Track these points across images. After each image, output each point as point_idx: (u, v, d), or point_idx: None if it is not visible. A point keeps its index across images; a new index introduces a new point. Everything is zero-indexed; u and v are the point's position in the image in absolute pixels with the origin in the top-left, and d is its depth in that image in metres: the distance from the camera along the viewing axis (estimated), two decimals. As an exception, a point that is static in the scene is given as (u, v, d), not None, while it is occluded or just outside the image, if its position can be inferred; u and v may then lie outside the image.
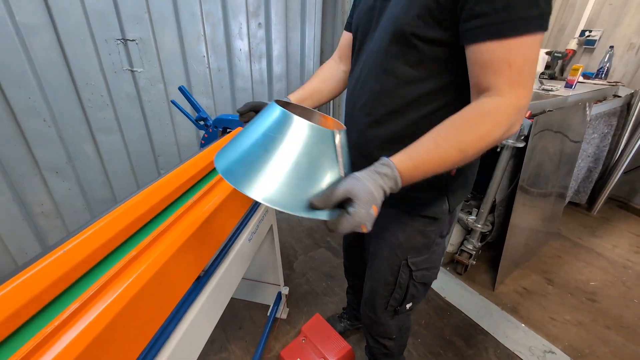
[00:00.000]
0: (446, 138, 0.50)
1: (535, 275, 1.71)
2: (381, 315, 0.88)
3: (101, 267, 0.49)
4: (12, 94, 1.15)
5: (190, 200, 0.67)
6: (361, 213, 0.44)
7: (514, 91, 0.48)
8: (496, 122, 0.49)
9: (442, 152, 0.50)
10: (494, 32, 0.47)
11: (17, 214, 1.29)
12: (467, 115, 0.50)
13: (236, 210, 0.88)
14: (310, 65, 1.87)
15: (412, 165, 0.50)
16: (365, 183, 0.46)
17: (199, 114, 1.07)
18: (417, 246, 0.76)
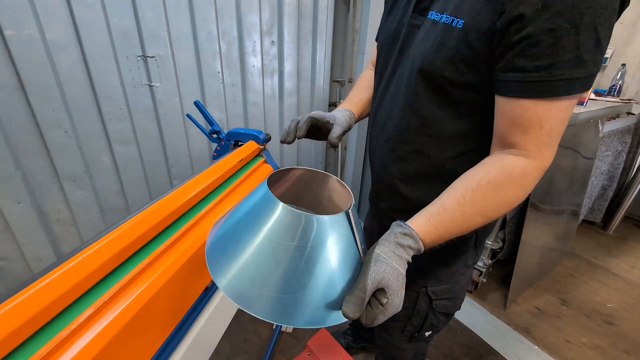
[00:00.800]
0: (473, 205, 0.46)
1: (548, 295, 1.66)
2: (397, 338, 0.83)
3: (114, 276, 0.50)
4: (37, 107, 1.22)
5: (201, 212, 0.69)
6: (395, 303, 0.41)
7: (541, 153, 0.45)
8: (523, 186, 0.47)
9: (467, 220, 0.47)
10: (532, 90, 0.42)
11: (34, 221, 1.33)
12: (495, 178, 0.46)
13: None
14: (321, 81, 1.92)
15: (437, 236, 0.46)
16: (392, 264, 0.41)
17: (212, 127, 1.11)
18: (437, 275, 0.70)
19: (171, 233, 0.61)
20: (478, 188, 0.46)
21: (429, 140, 0.58)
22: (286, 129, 0.63)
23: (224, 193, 0.81)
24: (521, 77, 0.42)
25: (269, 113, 1.82)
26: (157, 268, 0.54)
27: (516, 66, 0.43)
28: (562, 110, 0.43)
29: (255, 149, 1.02)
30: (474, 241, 0.68)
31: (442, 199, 0.48)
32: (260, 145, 1.05)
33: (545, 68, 0.40)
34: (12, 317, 0.36)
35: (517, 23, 0.40)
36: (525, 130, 0.45)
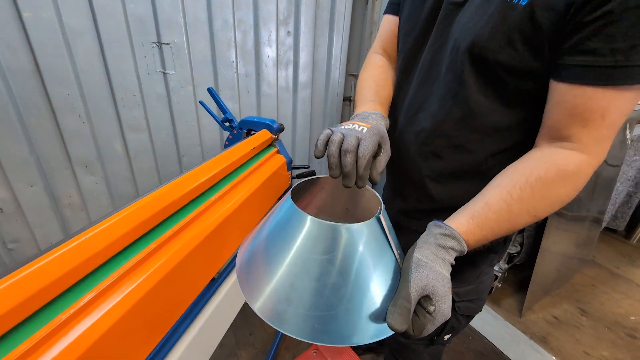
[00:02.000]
0: (521, 203, 0.42)
1: (567, 304, 1.58)
2: (414, 342, 0.78)
3: (117, 260, 0.47)
4: (53, 91, 1.22)
5: (210, 199, 0.67)
6: (444, 310, 0.37)
7: (599, 147, 0.41)
8: (575, 184, 0.42)
9: (513, 219, 0.43)
10: (601, 77, 0.37)
11: (46, 204, 1.34)
12: (546, 174, 0.42)
13: (253, 213, 0.87)
14: (336, 74, 1.88)
15: (482, 236, 0.42)
16: (436, 268, 0.38)
17: (225, 115, 1.08)
18: (462, 275, 0.65)
19: (178, 220, 0.59)
20: (527, 185, 0.42)
21: (472, 133, 0.52)
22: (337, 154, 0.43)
23: (235, 182, 0.78)
24: (591, 61, 0.37)
25: (282, 105, 1.79)
26: (162, 255, 0.51)
27: (587, 48, 0.37)
28: (629, 101, 0.38)
29: (268, 138, 0.99)
30: (504, 238, 0.61)
31: (485, 196, 0.44)
32: (273, 135, 1.01)
33: (623, 51, 0.35)
34: (15, 291, 0.34)
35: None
36: (585, 121, 0.40)
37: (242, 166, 0.86)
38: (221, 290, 0.71)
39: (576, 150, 0.42)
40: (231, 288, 0.73)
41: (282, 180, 1.04)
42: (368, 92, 0.63)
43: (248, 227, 0.85)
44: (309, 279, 0.35)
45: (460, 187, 0.56)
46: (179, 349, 0.56)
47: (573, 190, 0.42)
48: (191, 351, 0.58)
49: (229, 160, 0.78)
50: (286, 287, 0.36)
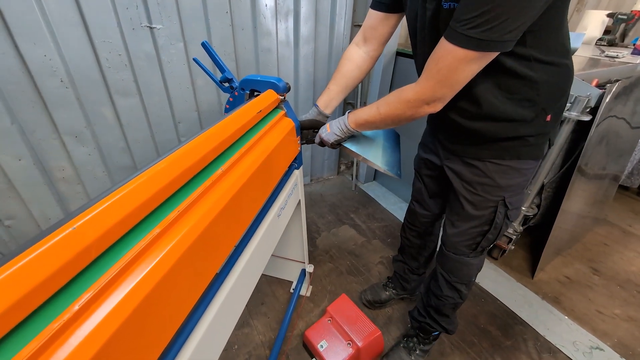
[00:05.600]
0: (378, 109, 0.77)
1: (579, 263, 1.57)
2: (465, 255, 0.92)
3: (128, 240, 0.41)
4: (27, 51, 1.07)
5: (216, 173, 0.59)
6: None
7: (426, 83, 0.65)
8: (406, 105, 0.71)
9: (377, 116, 0.78)
10: (448, 33, 0.57)
11: (38, 179, 1.26)
12: (395, 97, 0.74)
13: (265, 184, 0.79)
14: (341, 26, 1.69)
15: (357, 119, 0.84)
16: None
17: (223, 74, 0.96)
18: (514, 185, 0.78)
19: (185, 196, 0.51)
20: (385, 101, 0.76)
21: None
22: None
23: (241, 151, 0.69)
24: (451, 24, 0.56)
25: (282, 62, 1.64)
26: (170, 239, 0.44)
27: (455, 16, 0.56)
28: (456, 59, 0.58)
29: (275, 99, 0.88)
30: (548, 146, 0.77)
31: (369, 106, 0.80)
32: (279, 96, 0.90)
33: (462, 21, 0.54)
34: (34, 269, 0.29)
35: None
36: (429, 62, 0.63)
37: (248, 133, 0.76)
38: (239, 264, 0.66)
39: (417, 81, 0.67)
40: (248, 262, 0.68)
41: (291, 146, 0.95)
42: (328, 84, 0.98)
43: (259, 200, 0.78)
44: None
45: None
46: (205, 322, 0.55)
47: (405, 109, 0.71)
48: (215, 324, 0.57)
49: (234, 127, 0.69)
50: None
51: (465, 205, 0.85)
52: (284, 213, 0.94)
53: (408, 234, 1.17)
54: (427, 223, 1.10)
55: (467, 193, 0.83)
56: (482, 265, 0.99)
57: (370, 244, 1.64)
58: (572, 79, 0.70)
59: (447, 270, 0.97)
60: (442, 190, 1.02)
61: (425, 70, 0.64)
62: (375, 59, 0.95)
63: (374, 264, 1.51)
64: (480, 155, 0.77)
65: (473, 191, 0.82)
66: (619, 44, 2.09)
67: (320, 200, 1.97)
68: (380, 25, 0.87)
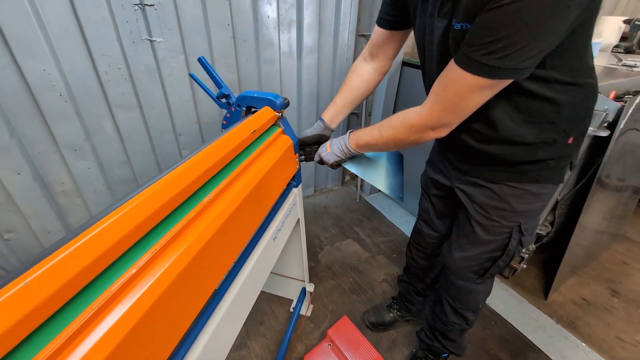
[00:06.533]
0: (380, 133, 0.75)
1: (596, 284, 1.49)
2: (472, 281, 0.88)
3: (134, 252, 0.42)
4: (26, 65, 1.07)
5: (211, 193, 0.57)
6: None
7: (432, 107, 0.62)
8: (410, 131, 0.68)
9: (378, 138, 0.76)
10: (458, 57, 0.54)
11: (37, 192, 1.25)
12: (399, 121, 0.72)
13: (261, 204, 0.76)
14: (345, 35, 1.66)
15: (358, 141, 0.83)
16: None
17: (220, 90, 0.93)
18: (531, 210, 0.74)
19: (179, 217, 0.50)
20: (388, 125, 0.73)
21: None
22: None
23: (237, 170, 0.66)
24: (463, 47, 0.52)
25: (285, 73, 1.61)
26: (173, 252, 0.45)
27: (466, 40, 0.52)
28: (466, 85, 0.54)
29: (272, 116, 0.85)
30: (569, 169, 0.73)
31: (372, 128, 0.77)
32: (277, 113, 0.87)
33: (473, 46, 0.50)
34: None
35: None
36: (437, 86, 0.60)
37: (243, 153, 0.73)
38: (236, 283, 0.66)
39: (422, 105, 0.64)
40: (246, 280, 0.68)
41: (289, 164, 0.91)
42: (334, 98, 0.96)
43: (255, 221, 0.74)
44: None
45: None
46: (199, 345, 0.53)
47: (409, 133, 0.68)
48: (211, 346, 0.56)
49: (228, 147, 0.66)
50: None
51: (476, 229, 0.79)
52: (281, 233, 0.90)
53: (414, 254, 1.11)
54: (435, 244, 1.05)
55: (479, 217, 0.78)
56: (490, 290, 0.94)
57: (374, 260, 1.58)
58: (596, 98, 0.64)
59: (452, 297, 0.92)
60: (451, 211, 0.96)
61: (432, 94, 0.61)
62: (384, 74, 0.93)
63: (378, 282, 1.46)
64: (495, 178, 0.72)
65: (486, 215, 0.76)
66: (636, 52, 2.00)
67: (324, 212, 1.92)
68: (386, 42, 0.85)
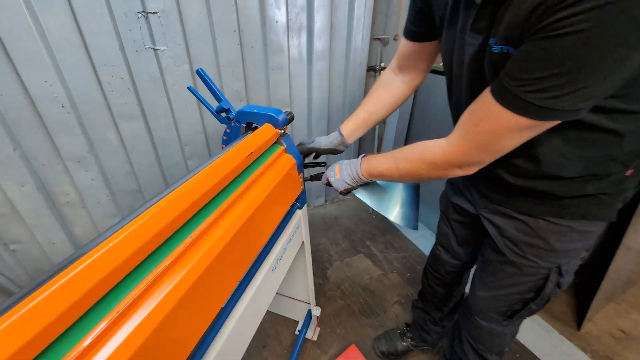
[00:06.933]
0: (397, 168, 0.66)
1: (637, 313, 1.33)
2: (499, 323, 0.78)
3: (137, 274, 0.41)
4: (28, 77, 1.05)
5: (205, 222, 0.52)
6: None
7: (461, 145, 0.53)
8: (432, 167, 0.60)
9: (393, 171, 0.68)
10: (497, 91, 0.45)
11: (41, 204, 1.23)
12: (418, 156, 0.63)
13: (260, 231, 0.69)
14: (358, 40, 1.57)
15: (370, 170, 0.74)
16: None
17: (220, 104, 0.87)
18: (573, 250, 0.63)
19: (174, 246, 0.45)
20: (405, 159, 0.64)
21: None
22: None
23: (231, 198, 0.59)
24: (502, 77, 0.43)
25: (295, 80, 1.54)
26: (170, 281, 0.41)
27: (507, 69, 0.43)
28: (503, 124, 0.45)
29: (273, 134, 0.77)
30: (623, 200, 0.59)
31: (388, 156, 0.68)
32: (279, 130, 0.79)
33: (519, 80, 0.41)
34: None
35: None
36: (467, 119, 0.51)
37: (240, 176, 0.66)
38: (237, 310, 0.62)
39: (446, 139, 0.55)
40: (247, 307, 0.64)
41: (292, 185, 0.84)
42: (356, 110, 0.88)
43: (254, 249, 0.67)
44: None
45: None
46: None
47: (430, 170, 0.60)
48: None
49: (222, 171, 0.59)
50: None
51: (505, 268, 0.69)
52: (283, 258, 0.83)
53: (431, 281, 1.01)
54: (455, 273, 0.95)
55: (510, 253, 0.67)
56: (517, 331, 0.83)
57: (387, 279, 1.48)
58: None
59: (474, 337, 0.82)
60: (476, 238, 0.86)
61: (460, 128, 0.52)
62: (414, 89, 0.84)
63: (390, 304, 1.36)
64: (531, 210, 0.61)
65: (518, 252, 0.66)
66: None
67: (334, 224, 1.84)
68: (413, 55, 0.76)
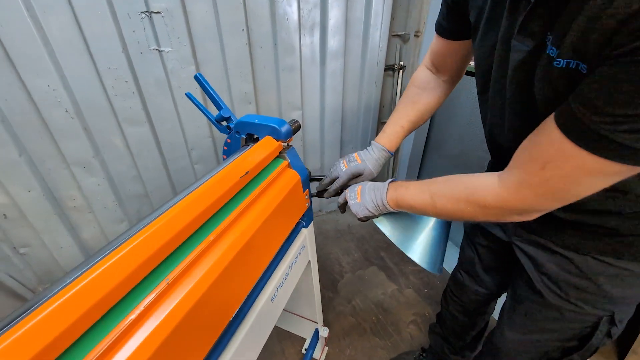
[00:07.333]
0: (434, 206, 0.55)
1: (687, 347, 1.17)
2: None
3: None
4: (30, 82, 1.02)
5: (203, 242, 0.47)
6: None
7: (521, 192, 0.42)
8: (479, 210, 0.49)
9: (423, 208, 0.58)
10: (571, 128, 0.34)
11: (48, 209, 1.22)
12: (464, 195, 0.51)
13: (260, 255, 0.62)
14: (376, 37, 1.46)
15: (399, 201, 0.62)
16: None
17: (219, 112, 0.80)
18: (630, 296, 0.53)
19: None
20: (444, 197, 0.53)
21: None
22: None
23: (228, 220, 0.53)
24: (575, 107, 0.33)
25: (307, 81, 1.45)
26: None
27: (585, 96, 0.32)
28: (583, 169, 0.34)
29: (274, 148, 0.69)
30: None
31: (422, 187, 0.57)
32: (282, 143, 0.72)
33: (608, 116, 0.30)
34: None
35: None
36: (528, 159, 0.41)
37: (236, 197, 0.59)
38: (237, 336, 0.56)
39: (500, 179, 0.44)
40: (249, 331, 0.60)
41: (296, 203, 0.76)
42: (392, 117, 0.77)
43: (253, 274, 0.61)
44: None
45: None
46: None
47: (477, 213, 0.48)
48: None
49: (213, 195, 0.52)
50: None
51: (542, 310, 0.59)
52: (287, 281, 0.76)
53: (452, 307, 0.91)
54: (480, 301, 0.84)
55: (549, 294, 0.57)
56: None
57: (402, 295, 1.39)
58: None
59: None
60: (505, 265, 0.75)
61: (518, 168, 0.41)
62: (455, 85, 0.75)
63: (405, 323, 1.27)
64: (579, 246, 0.51)
65: (560, 294, 0.55)
66: None
67: (347, 232, 1.75)
68: (447, 53, 0.67)
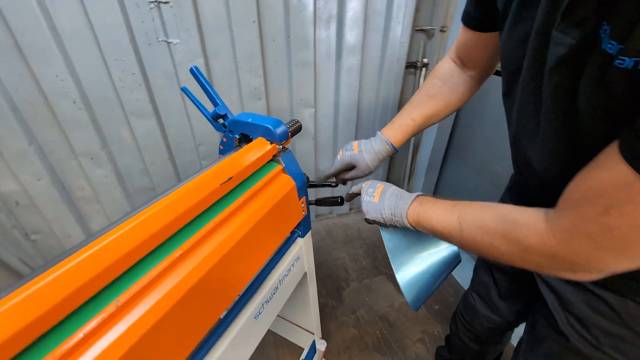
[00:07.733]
0: (461, 236, 0.45)
1: None
2: None
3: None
4: (39, 72, 1.02)
5: (174, 253, 0.42)
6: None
7: (571, 241, 0.32)
8: (518, 252, 0.39)
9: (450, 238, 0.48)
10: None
11: (57, 198, 1.23)
12: (500, 233, 0.40)
13: (251, 262, 0.57)
14: (398, 32, 1.36)
15: (420, 220, 0.53)
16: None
17: (215, 109, 0.74)
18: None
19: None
20: (478, 230, 0.42)
21: None
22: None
23: (212, 223, 0.49)
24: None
25: (321, 77, 1.38)
26: None
27: None
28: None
29: (267, 151, 0.63)
30: None
31: (452, 214, 0.46)
32: (277, 145, 0.65)
33: None
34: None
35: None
36: (582, 198, 0.31)
37: (219, 202, 0.53)
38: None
39: (547, 218, 0.34)
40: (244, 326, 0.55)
41: (290, 211, 0.69)
42: (405, 109, 0.71)
43: (238, 286, 0.55)
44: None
45: None
46: None
47: (515, 257, 0.38)
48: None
49: (191, 200, 0.47)
50: None
51: (565, 355, 0.50)
52: (274, 300, 0.70)
53: (462, 333, 0.82)
54: (493, 330, 0.75)
55: (575, 337, 0.48)
56: None
57: (410, 310, 1.30)
58: None
59: None
60: (525, 294, 0.66)
61: (569, 210, 0.32)
62: (483, 81, 0.67)
63: (411, 341, 1.18)
64: (618, 286, 0.41)
65: (589, 340, 0.46)
66: None
67: (357, 237, 1.67)
68: (475, 47, 0.61)
